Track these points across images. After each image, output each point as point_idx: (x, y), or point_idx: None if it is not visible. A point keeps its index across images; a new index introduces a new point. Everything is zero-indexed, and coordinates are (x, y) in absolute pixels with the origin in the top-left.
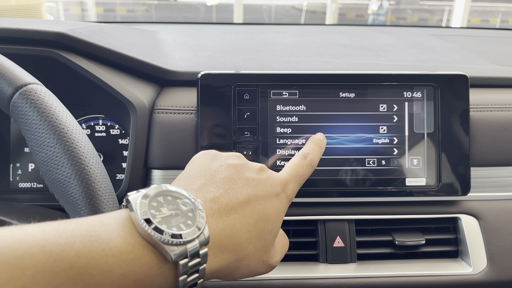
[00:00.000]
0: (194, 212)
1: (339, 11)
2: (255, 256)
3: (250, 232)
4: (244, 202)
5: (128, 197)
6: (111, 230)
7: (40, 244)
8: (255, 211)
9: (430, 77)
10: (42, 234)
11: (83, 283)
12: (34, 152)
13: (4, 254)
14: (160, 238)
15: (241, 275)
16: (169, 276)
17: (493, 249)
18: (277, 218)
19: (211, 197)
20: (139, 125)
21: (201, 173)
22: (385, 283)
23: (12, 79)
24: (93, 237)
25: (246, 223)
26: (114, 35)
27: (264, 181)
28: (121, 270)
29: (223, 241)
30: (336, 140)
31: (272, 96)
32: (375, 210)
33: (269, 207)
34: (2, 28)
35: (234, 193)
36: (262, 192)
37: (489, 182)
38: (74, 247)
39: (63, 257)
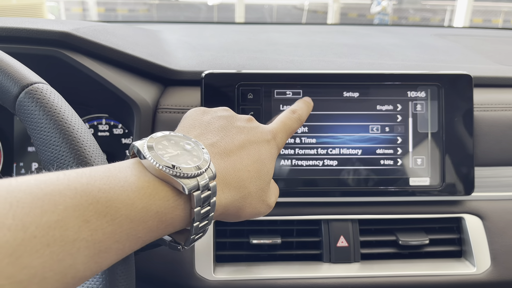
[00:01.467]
0: (198, 151)
1: (340, 10)
2: (256, 194)
3: (250, 172)
4: (240, 146)
5: (134, 144)
6: (125, 171)
7: (65, 183)
8: (251, 154)
9: (434, 76)
10: (64, 176)
11: (110, 215)
12: (40, 151)
13: (34, 192)
14: (173, 172)
15: (246, 214)
16: (185, 208)
17: (496, 249)
18: (271, 161)
19: (210, 143)
20: (143, 124)
21: (195, 125)
22: (389, 283)
23: (18, 78)
24: (111, 177)
25: (244, 163)
26: (118, 34)
27: (254, 128)
28: (142, 203)
29: (227, 178)
30: (340, 139)
31: (276, 96)
32: (379, 209)
33: (262, 151)
34: (6, 27)
35: (229, 138)
36: (254, 138)
37: (493, 182)
38: (96, 184)
39: (88, 193)
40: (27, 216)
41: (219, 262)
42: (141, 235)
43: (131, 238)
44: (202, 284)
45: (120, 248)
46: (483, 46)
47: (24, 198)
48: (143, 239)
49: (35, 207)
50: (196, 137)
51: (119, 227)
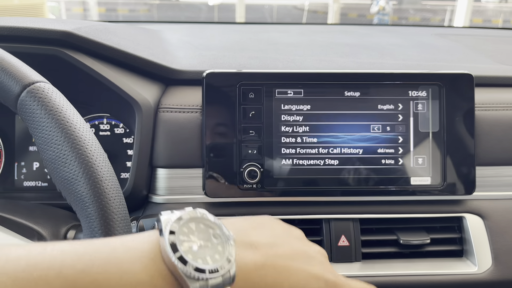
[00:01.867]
0: (224, 246)
1: (340, 11)
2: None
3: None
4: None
5: (160, 216)
6: (133, 255)
7: (57, 269)
8: (294, 279)
9: (435, 76)
10: (61, 256)
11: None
12: (42, 150)
13: (19, 278)
14: (183, 269)
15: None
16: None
17: (498, 248)
18: None
19: (250, 241)
20: (144, 123)
21: (252, 221)
22: (390, 282)
23: (19, 78)
24: (112, 263)
25: (279, 283)
26: (119, 34)
27: (319, 261)
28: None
29: (247, 284)
30: (341, 139)
31: (277, 95)
32: (380, 209)
33: (312, 285)
34: (8, 26)
35: (278, 250)
36: (311, 268)
37: (494, 182)
38: (91, 273)
39: (78, 284)
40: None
41: None
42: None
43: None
44: None
45: None
46: (484, 46)
47: (6, 281)
48: None
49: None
50: (237, 229)
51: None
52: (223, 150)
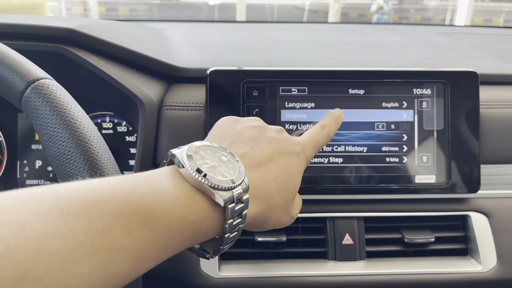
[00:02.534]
0: (233, 164)
1: (341, 10)
2: (282, 206)
3: (278, 184)
4: (269, 157)
5: (172, 152)
6: (164, 180)
7: (110, 192)
8: (280, 166)
9: (440, 73)
10: (108, 184)
11: (152, 225)
12: (46, 146)
13: (82, 200)
14: (210, 184)
15: (270, 225)
16: (219, 219)
17: (503, 247)
18: (298, 174)
19: (241, 153)
20: (148, 121)
21: (227, 134)
22: (394, 281)
23: (24, 74)
24: (151, 185)
25: (273, 176)
26: (123, 31)
27: (285, 140)
28: (180, 213)
29: (257, 190)
30: (345, 137)
31: (281, 93)
32: (384, 207)
33: (291, 163)
34: (12, 24)
35: (260, 149)
36: (284, 149)
37: (499, 180)
38: (139, 193)
39: (131, 202)
40: (77, 223)
41: (224, 260)
42: (177, 244)
43: (168, 247)
44: (208, 281)
45: (158, 257)
46: (488, 44)
47: (73, 206)
48: (178, 248)
49: (84, 215)
50: (228, 146)
51: (158, 236)
52: None
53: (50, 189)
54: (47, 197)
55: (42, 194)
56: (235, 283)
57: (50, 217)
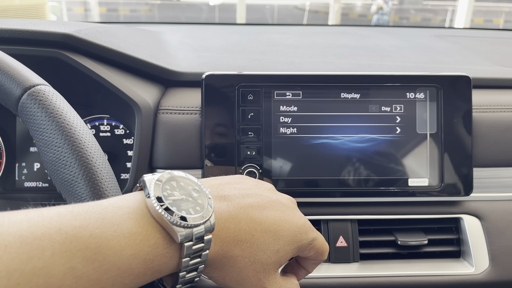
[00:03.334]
0: (203, 200)
1: (342, 11)
2: (252, 265)
3: (253, 237)
4: (257, 213)
5: (143, 178)
6: (122, 212)
7: (57, 227)
8: (267, 224)
9: (433, 78)
10: (58, 217)
11: (98, 262)
12: (42, 152)
13: (24, 236)
14: (169, 218)
15: (232, 280)
16: (174, 257)
17: (495, 249)
18: (288, 243)
19: (223, 194)
20: (144, 125)
21: (223, 179)
22: (388, 283)
23: (20, 80)
24: (106, 219)
25: (252, 228)
26: (119, 36)
27: (289, 207)
28: (131, 250)
29: (224, 232)
30: (340, 140)
31: (276, 97)
32: (378, 210)
33: (284, 228)
34: (8, 29)
35: (250, 200)
36: (282, 214)
37: (491, 183)
38: (89, 229)
39: (79, 238)
40: (12, 262)
41: None
42: (127, 282)
43: (116, 284)
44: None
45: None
46: (483, 48)
47: (12, 243)
48: (129, 286)
49: (22, 252)
50: (211, 186)
51: (105, 273)
52: (222, 151)
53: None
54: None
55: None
56: None
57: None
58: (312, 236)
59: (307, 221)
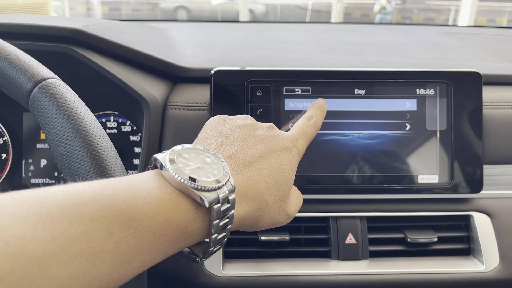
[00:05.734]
0: (218, 165)
1: (344, 10)
2: (275, 205)
3: (268, 183)
4: (259, 156)
5: (155, 156)
6: (148, 183)
7: (91, 195)
8: (270, 164)
9: (443, 74)
10: (90, 187)
11: (134, 228)
12: (53, 146)
13: (62, 204)
14: (194, 185)
15: (264, 224)
16: (205, 220)
17: (505, 247)
18: (291, 170)
19: (228, 154)
20: (152, 121)
21: (215, 135)
22: (397, 280)
23: (31, 74)
24: (134, 189)
25: (263, 175)
26: (127, 31)
27: (275, 137)
28: (164, 215)
29: (245, 191)
30: (349, 137)
31: (285, 93)
32: (387, 207)
33: (282, 160)
34: (17, 24)
35: (248, 149)
36: (274, 146)
37: (501, 180)
38: (120, 196)
39: (113, 205)
40: (56, 227)
41: (228, 259)
42: (162, 247)
43: (152, 250)
44: (211, 280)
45: (143, 260)
46: (491, 45)
47: (53, 210)
48: (164, 252)
49: (63, 218)
50: (215, 148)
51: (141, 239)
52: None
53: (31, 193)
54: (27, 201)
55: (22, 198)
56: (239, 281)
57: (29, 221)
58: (300, 148)
59: (290, 138)
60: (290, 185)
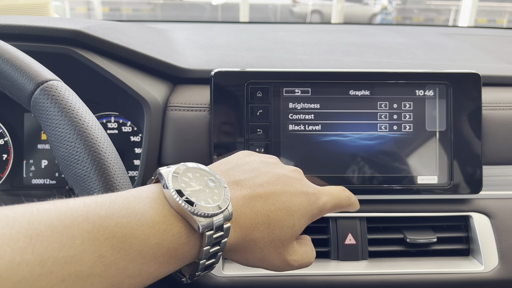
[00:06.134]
0: (220, 189)
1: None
2: (271, 244)
3: (269, 218)
4: (270, 191)
5: (160, 171)
6: (144, 203)
7: (84, 216)
8: (280, 201)
9: (443, 75)
10: (84, 207)
11: (124, 251)
12: (55, 147)
13: (54, 225)
14: (190, 209)
15: (254, 259)
16: (195, 246)
17: (504, 247)
18: (301, 216)
19: (235, 180)
20: (153, 122)
21: (231, 161)
22: (396, 281)
23: (33, 76)
24: (129, 209)
25: (266, 209)
26: (128, 33)
27: (297, 180)
28: (156, 239)
29: (241, 218)
30: (348, 138)
31: (285, 94)
32: (387, 207)
33: (295, 203)
34: (18, 25)
35: (260, 181)
36: (292, 188)
37: (501, 181)
38: (114, 218)
39: (105, 227)
40: (45, 250)
41: (228, 259)
42: (152, 271)
43: (143, 273)
44: (211, 280)
45: (132, 283)
46: (491, 45)
47: (44, 231)
48: (154, 275)
49: (54, 241)
50: (222, 172)
51: (131, 262)
52: (231, 149)
53: (23, 211)
54: (18, 220)
55: (14, 217)
56: (239, 282)
57: (19, 243)
58: (322, 202)
59: (315, 188)
60: (296, 230)
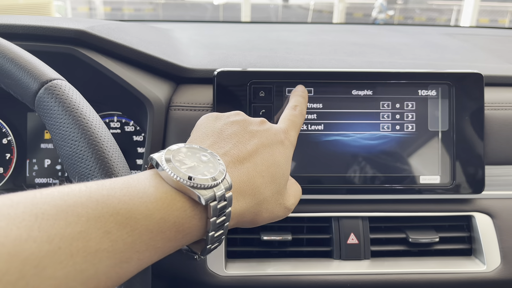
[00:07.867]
0: (214, 163)
1: (346, 10)
2: (272, 199)
3: (264, 177)
4: (253, 151)
5: (152, 156)
6: (144, 182)
7: (87, 195)
8: (265, 158)
9: (445, 75)
10: (86, 188)
11: (130, 226)
12: (59, 146)
13: (58, 204)
14: (190, 183)
15: (263, 219)
16: (202, 218)
17: (506, 247)
18: (286, 163)
19: (223, 152)
20: (156, 121)
21: (208, 133)
22: (399, 280)
23: (37, 75)
24: (130, 188)
25: (258, 170)
26: (131, 33)
27: (267, 131)
28: (160, 214)
29: (242, 187)
30: (351, 137)
31: (287, 94)
32: (389, 207)
33: (276, 153)
34: (22, 25)
35: (242, 145)
36: (267, 141)
37: (503, 181)
38: (116, 196)
39: (109, 204)
40: (52, 227)
41: (230, 258)
42: (160, 245)
43: (150, 248)
44: (214, 279)
45: (141, 258)
46: (493, 45)
47: (49, 210)
48: (162, 250)
49: (60, 218)
50: (210, 146)
51: (138, 237)
52: None
53: (27, 195)
54: (22, 202)
55: (18, 200)
56: (241, 281)
57: (25, 222)
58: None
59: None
60: (286, 177)
